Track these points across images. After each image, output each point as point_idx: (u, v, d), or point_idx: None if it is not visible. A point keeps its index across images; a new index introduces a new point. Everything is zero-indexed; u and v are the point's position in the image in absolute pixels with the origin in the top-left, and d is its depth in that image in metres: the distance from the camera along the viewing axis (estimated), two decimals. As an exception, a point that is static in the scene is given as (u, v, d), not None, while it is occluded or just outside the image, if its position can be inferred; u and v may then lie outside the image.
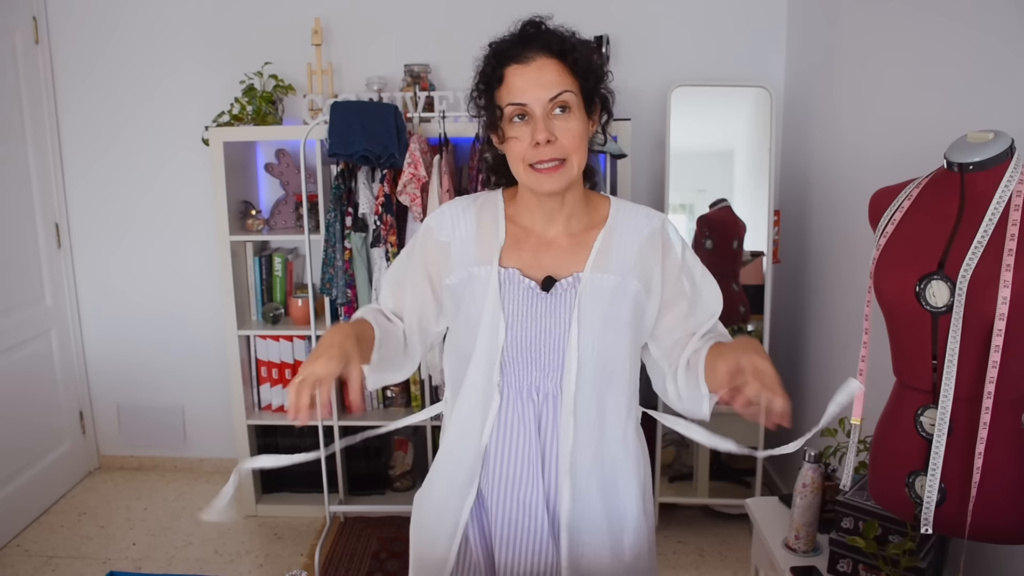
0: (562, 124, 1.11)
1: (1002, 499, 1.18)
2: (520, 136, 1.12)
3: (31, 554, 2.69)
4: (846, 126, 2.36)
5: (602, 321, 1.17)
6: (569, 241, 1.21)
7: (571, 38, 1.15)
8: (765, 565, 1.78)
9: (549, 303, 1.18)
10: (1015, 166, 1.15)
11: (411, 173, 2.43)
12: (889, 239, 1.25)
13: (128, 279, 3.20)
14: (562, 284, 1.18)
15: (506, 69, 1.12)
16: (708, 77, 2.88)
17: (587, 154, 1.17)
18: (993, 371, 1.11)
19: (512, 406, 1.20)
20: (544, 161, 1.12)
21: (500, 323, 1.18)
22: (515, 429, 1.21)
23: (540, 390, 1.19)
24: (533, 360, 1.19)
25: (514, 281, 1.18)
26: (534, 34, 1.13)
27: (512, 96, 1.12)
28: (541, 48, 1.11)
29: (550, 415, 1.19)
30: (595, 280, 1.18)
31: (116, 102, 3.07)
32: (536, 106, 1.10)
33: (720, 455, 2.86)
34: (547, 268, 1.19)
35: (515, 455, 1.21)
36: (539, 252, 1.21)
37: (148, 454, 3.35)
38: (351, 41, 2.92)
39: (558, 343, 1.17)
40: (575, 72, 1.12)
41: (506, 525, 1.23)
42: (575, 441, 1.19)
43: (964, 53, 1.69)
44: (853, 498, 1.50)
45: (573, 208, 1.21)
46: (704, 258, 2.81)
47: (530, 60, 1.11)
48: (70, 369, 3.20)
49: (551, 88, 1.10)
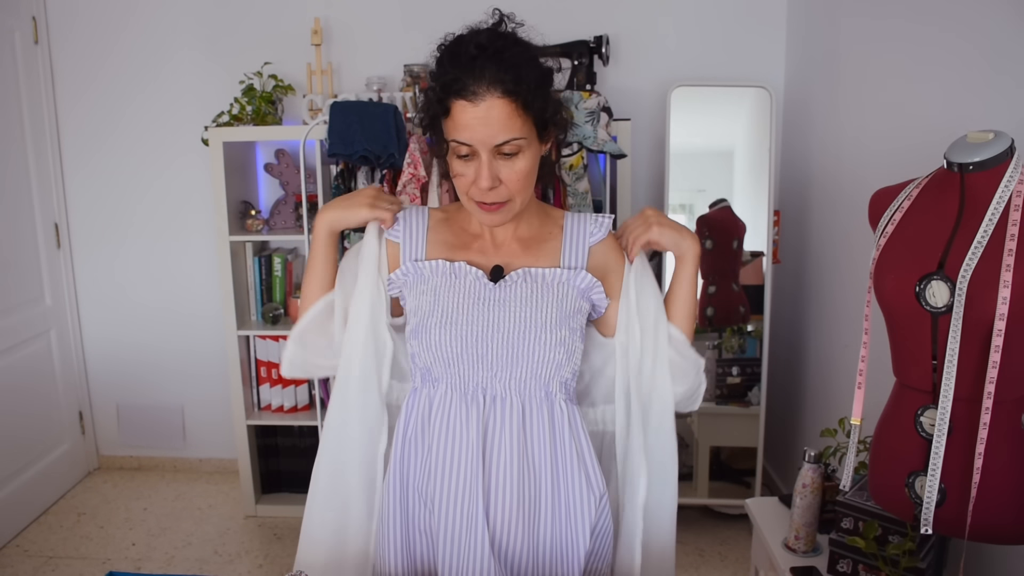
0: (508, 167, 1.07)
1: (1002, 499, 1.18)
2: (465, 173, 1.08)
3: (30, 554, 2.69)
4: (846, 126, 2.36)
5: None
6: (519, 244, 1.20)
7: (527, 68, 1.05)
8: (765, 565, 1.78)
9: (494, 296, 1.15)
10: (1015, 166, 1.15)
11: (411, 173, 2.43)
12: (889, 239, 1.25)
13: (128, 279, 3.20)
14: (512, 276, 1.16)
15: (453, 102, 1.04)
16: (708, 77, 2.88)
17: (535, 180, 1.14)
18: (993, 371, 1.11)
19: (455, 407, 1.17)
20: (487, 202, 1.09)
21: (441, 318, 1.15)
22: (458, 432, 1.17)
23: (487, 391, 1.17)
24: (479, 357, 1.15)
25: (460, 273, 1.16)
26: (484, 65, 1.02)
27: (458, 133, 1.06)
28: (492, 84, 1.02)
29: (497, 418, 1.16)
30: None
31: (116, 102, 3.07)
32: (482, 149, 1.05)
33: (720, 455, 2.86)
34: (496, 263, 1.18)
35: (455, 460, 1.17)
36: (486, 251, 1.20)
37: (148, 454, 3.35)
38: (351, 41, 2.92)
39: (505, 338, 1.14)
40: (528, 108, 1.05)
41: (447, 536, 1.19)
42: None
43: (964, 53, 1.69)
44: (853, 498, 1.50)
45: (523, 215, 1.19)
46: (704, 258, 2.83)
47: (478, 99, 1.02)
48: (69, 369, 3.20)
49: (499, 133, 1.04)
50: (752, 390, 2.72)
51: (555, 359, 1.15)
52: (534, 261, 1.19)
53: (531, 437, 1.17)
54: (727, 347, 2.73)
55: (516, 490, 1.16)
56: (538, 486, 1.18)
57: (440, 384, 1.19)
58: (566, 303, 1.16)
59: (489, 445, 1.17)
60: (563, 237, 1.20)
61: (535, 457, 1.17)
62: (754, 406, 2.71)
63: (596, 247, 1.20)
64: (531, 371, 1.15)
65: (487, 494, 1.16)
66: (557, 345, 1.14)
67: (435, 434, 1.19)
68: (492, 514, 1.16)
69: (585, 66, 2.78)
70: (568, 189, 2.44)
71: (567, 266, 1.18)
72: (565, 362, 1.16)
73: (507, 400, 1.17)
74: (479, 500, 1.16)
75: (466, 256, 1.19)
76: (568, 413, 1.20)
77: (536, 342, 1.14)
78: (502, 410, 1.17)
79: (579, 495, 1.18)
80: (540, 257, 1.19)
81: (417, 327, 1.18)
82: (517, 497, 1.16)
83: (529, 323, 1.14)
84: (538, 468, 1.18)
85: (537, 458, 1.18)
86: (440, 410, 1.19)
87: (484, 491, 1.16)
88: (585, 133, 2.39)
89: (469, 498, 1.17)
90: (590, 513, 1.19)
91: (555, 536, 1.19)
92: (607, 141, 2.43)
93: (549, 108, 1.09)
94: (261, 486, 3.01)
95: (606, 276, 1.20)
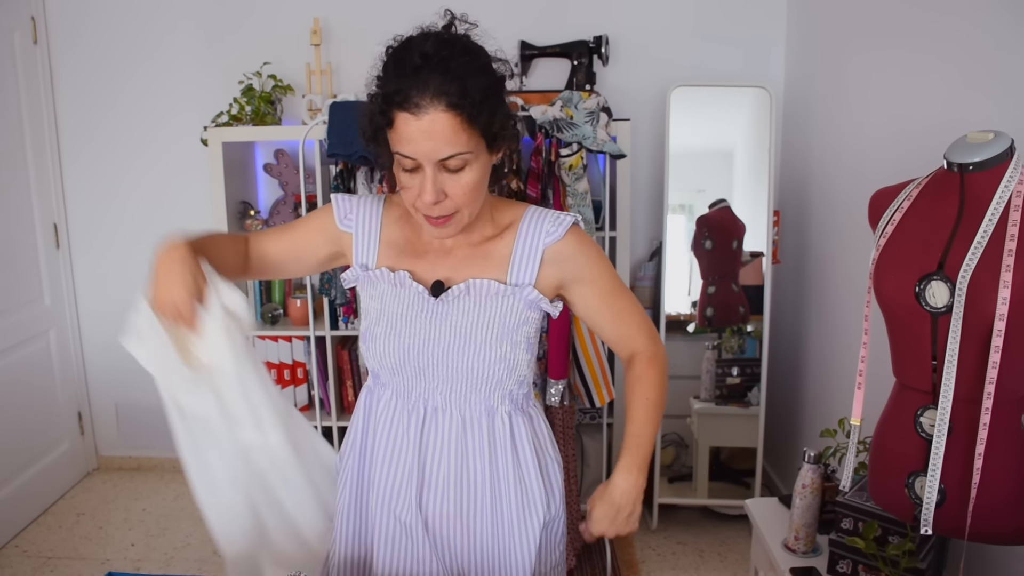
0: (454, 180, 1.02)
1: (1002, 500, 1.17)
2: (410, 186, 1.03)
3: (29, 555, 2.69)
4: (846, 126, 2.36)
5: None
6: (468, 251, 1.15)
7: (473, 78, 0.98)
8: (765, 566, 1.77)
9: (437, 310, 1.13)
10: (1015, 166, 1.15)
11: (410, 173, 2.43)
12: (889, 239, 1.25)
13: (127, 279, 3.20)
14: (453, 291, 1.12)
15: (396, 113, 0.99)
16: (708, 77, 2.88)
17: (485, 191, 1.09)
18: (993, 371, 1.10)
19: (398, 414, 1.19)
20: (433, 216, 1.05)
21: (386, 327, 1.14)
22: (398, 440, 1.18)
23: (428, 402, 1.17)
24: (419, 369, 1.14)
25: (403, 284, 1.14)
26: (427, 76, 0.96)
27: (401, 146, 1.00)
28: (435, 96, 0.96)
29: (436, 430, 1.17)
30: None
31: (115, 102, 3.06)
32: (426, 162, 1.00)
33: (720, 456, 2.86)
34: (441, 276, 1.14)
35: (392, 468, 1.19)
36: (436, 260, 1.16)
37: (147, 455, 3.35)
38: (350, 41, 2.92)
39: (446, 352, 1.12)
40: (475, 122, 0.99)
41: (385, 543, 1.21)
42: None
43: (964, 53, 1.68)
44: (853, 499, 1.50)
45: (474, 221, 1.13)
46: (703, 258, 2.82)
47: (421, 112, 0.96)
48: (69, 370, 3.19)
49: (443, 148, 0.98)
50: (752, 390, 2.72)
51: (495, 375, 1.13)
52: (481, 269, 1.14)
53: (469, 451, 1.17)
54: (727, 347, 2.73)
55: (453, 503, 1.17)
56: (475, 500, 1.18)
57: (387, 389, 1.21)
58: (510, 316, 1.13)
59: (426, 456, 1.17)
60: (515, 243, 1.14)
61: (473, 471, 1.17)
62: (754, 406, 2.71)
63: (552, 247, 1.13)
64: (471, 386, 1.14)
65: (423, 505, 1.17)
66: (497, 361, 1.12)
67: (377, 437, 1.21)
68: (430, 525, 1.18)
69: (585, 66, 2.78)
70: (568, 189, 2.44)
71: (516, 274, 1.13)
72: (506, 377, 1.14)
73: (447, 412, 1.16)
74: (415, 509, 1.17)
75: (412, 264, 1.16)
76: (512, 425, 1.19)
77: (475, 358, 1.12)
78: (440, 422, 1.17)
79: (518, 513, 1.19)
80: (489, 265, 1.14)
81: (365, 332, 1.19)
82: (454, 510, 1.17)
83: (469, 339, 1.12)
84: (476, 482, 1.18)
85: (475, 472, 1.17)
86: (384, 414, 1.20)
87: (419, 502, 1.17)
88: (585, 133, 2.39)
89: (403, 506, 1.18)
90: (532, 530, 1.19)
91: (497, 551, 1.20)
92: (607, 141, 2.42)
93: (496, 121, 1.02)
94: (260, 486, 3.00)
95: (563, 269, 1.14)
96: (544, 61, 2.87)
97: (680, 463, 2.91)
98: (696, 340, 2.75)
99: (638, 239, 2.99)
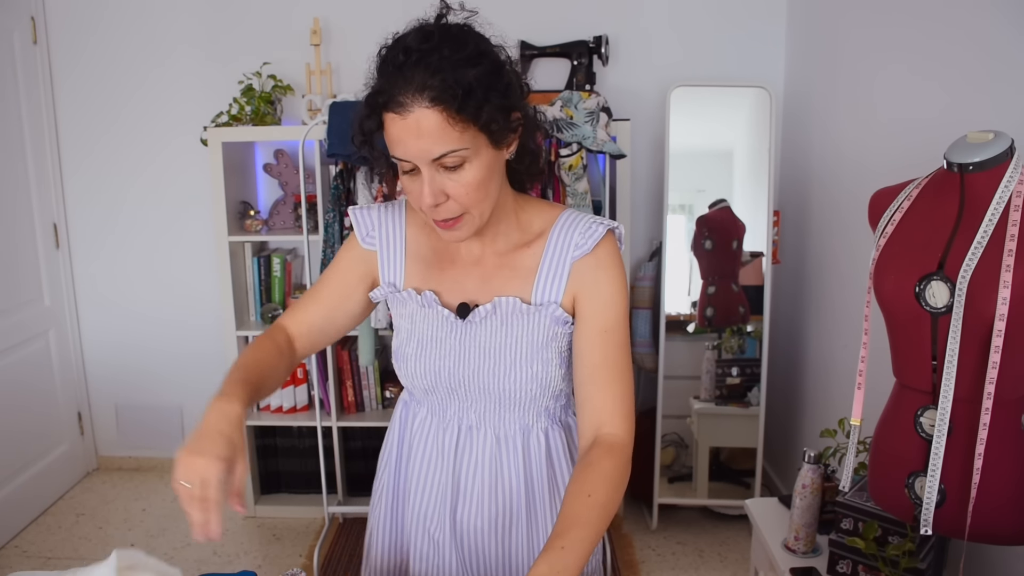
0: (454, 179, 0.95)
1: (1002, 500, 1.17)
2: (412, 190, 0.97)
3: (29, 555, 2.68)
4: (846, 126, 2.36)
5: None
6: (496, 261, 1.10)
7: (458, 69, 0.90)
8: (764, 566, 1.77)
9: (466, 331, 1.09)
10: (1015, 166, 1.15)
11: (410, 173, 2.43)
12: (889, 239, 1.25)
13: (126, 280, 3.20)
14: (479, 312, 1.07)
15: (384, 115, 0.94)
16: (708, 77, 2.88)
17: (497, 189, 1.01)
18: (993, 372, 1.10)
19: (433, 431, 1.17)
20: (439, 219, 0.99)
21: (416, 348, 1.11)
22: (433, 457, 1.17)
23: (463, 420, 1.15)
24: (452, 389, 1.11)
25: (430, 305, 1.10)
26: (410, 73, 0.91)
27: (393, 149, 0.95)
28: (418, 92, 0.90)
29: (470, 449, 1.15)
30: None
31: (114, 102, 3.06)
32: (420, 163, 0.93)
33: (720, 456, 2.86)
34: (468, 291, 1.10)
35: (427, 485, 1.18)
36: (464, 270, 1.11)
37: (146, 455, 3.35)
38: (350, 41, 2.92)
39: (476, 373, 1.09)
40: (465, 114, 0.91)
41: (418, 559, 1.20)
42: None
43: (964, 53, 1.68)
44: (853, 499, 1.50)
45: (498, 226, 1.08)
46: (703, 258, 2.82)
47: (406, 111, 0.90)
48: (68, 370, 3.19)
49: (434, 146, 0.91)
50: (752, 391, 2.72)
51: (528, 393, 1.09)
52: (507, 283, 1.08)
53: (504, 467, 1.15)
54: (726, 347, 2.73)
55: (488, 518, 1.15)
56: (511, 515, 1.17)
57: (422, 407, 1.20)
58: (538, 334, 1.07)
59: (460, 472, 1.16)
60: (543, 255, 1.08)
61: (508, 486, 1.16)
62: (754, 406, 2.71)
63: (580, 263, 1.06)
64: (504, 405, 1.12)
65: (457, 521, 1.16)
66: (529, 381, 1.08)
67: (413, 453, 1.20)
68: (465, 541, 1.17)
69: (584, 66, 2.77)
70: (567, 189, 2.44)
71: (541, 291, 1.07)
72: (540, 395, 1.10)
73: (481, 430, 1.15)
74: (447, 528, 1.16)
75: (440, 279, 1.11)
76: (548, 442, 1.15)
77: (506, 378, 1.08)
78: (475, 440, 1.15)
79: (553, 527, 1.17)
80: (515, 278, 1.08)
81: (396, 351, 1.16)
82: (489, 526, 1.16)
83: (499, 359, 1.08)
84: (511, 497, 1.16)
85: (510, 487, 1.16)
86: (420, 432, 1.20)
87: (453, 518, 1.16)
88: (584, 133, 2.39)
89: (436, 524, 1.17)
90: None
91: None
92: (606, 141, 2.42)
93: (488, 108, 0.92)
94: (260, 487, 3.01)
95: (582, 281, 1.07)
96: (544, 61, 2.87)
97: (680, 463, 2.91)
98: (696, 340, 2.75)
99: (638, 239, 2.99)
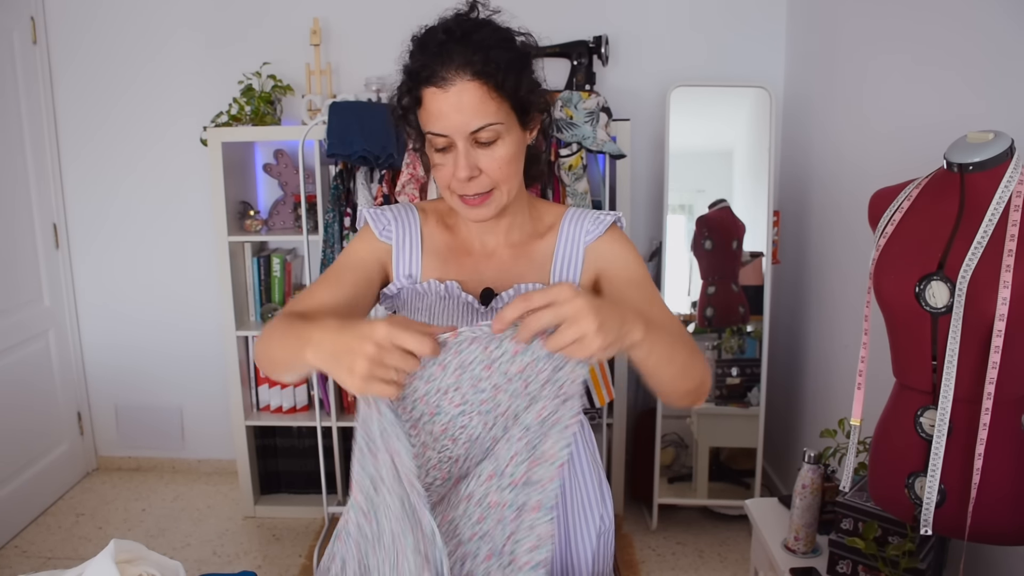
0: (487, 155, 1.01)
1: (1002, 500, 1.17)
2: (444, 164, 1.02)
3: (29, 555, 2.68)
4: (845, 126, 2.36)
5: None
6: (511, 252, 1.14)
7: (497, 49, 0.99)
8: (764, 566, 1.77)
9: (489, 317, 1.09)
10: (1015, 166, 1.15)
11: (410, 173, 2.43)
12: (889, 239, 1.25)
13: (126, 280, 3.20)
14: (502, 297, 1.10)
15: (423, 91, 1.00)
16: (707, 77, 2.88)
17: (521, 171, 1.08)
18: (993, 372, 1.10)
19: None
20: (469, 194, 1.03)
21: None
22: None
23: None
24: None
25: (452, 295, 1.11)
26: (452, 49, 0.98)
27: (431, 124, 1.00)
28: (461, 67, 0.97)
29: None
30: None
31: (114, 102, 3.06)
32: (457, 137, 0.99)
33: (720, 456, 2.86)
34: (487, 281, 1.12)
35: None
36: (479, 262, 1.14)
37: (146, 455, 3.35)
38: (350, 41, 2.92)
39: None
40: (503, 91, 0.99)
41: None
42: None
43: (964, 53, 1.68)
44: (853, 499, 1.50)
45: (513, 217, 1.13)
46: (703, 259, 2.82)
47: (448, 84, 0.97)
48: (68, 370, 3.19)
49: (472, 119, 0.98)
50: (751, 391, 2.72)
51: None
52: (524, 272, 1.12)
53: None
54: (726, 347, 2.73)
55: None
56: None
57: None
58: None
59: None
60: (557, 242, 1.14)
61: None
62: (753, 407, 2.71)
63: (592, 245, 1.13)
64: None
65: None
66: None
67: None
68: None
69: (584, 66, 2.77)
70: (567, 189, 2.44)
71: (558, 275, 1.12)
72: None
73: None
74: None
75: (457, 270, 1.14)
76: None
77: None
78: None
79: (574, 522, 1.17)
80: (532, 266, 1.13)
81: None
82: None
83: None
84: None
85: None
86: None
87: None
88: (584, 133, 2.39)
89: None
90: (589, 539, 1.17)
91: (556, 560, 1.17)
92: (606, 141, 2.42)
93: (523, 88, 1.02)
94: (260, 487, 3.01)
95: (599, 263, 1.13)
96: (544, 61, 2.86)
97: (680, 463, 2.91)
98: (696, 340, 2.75)
99: (638, 239, 2.99)
